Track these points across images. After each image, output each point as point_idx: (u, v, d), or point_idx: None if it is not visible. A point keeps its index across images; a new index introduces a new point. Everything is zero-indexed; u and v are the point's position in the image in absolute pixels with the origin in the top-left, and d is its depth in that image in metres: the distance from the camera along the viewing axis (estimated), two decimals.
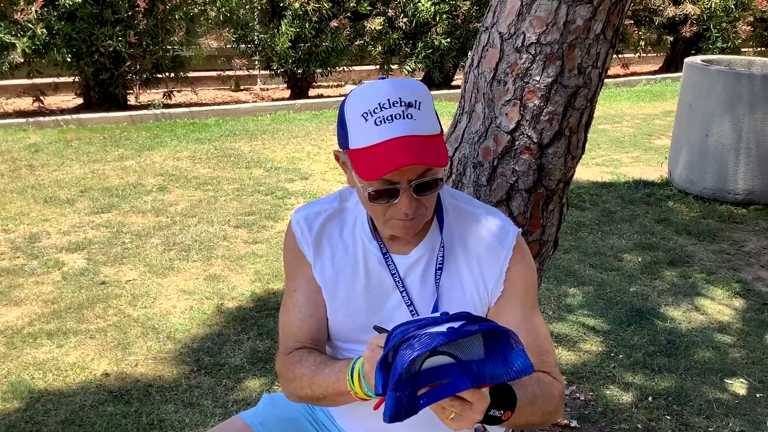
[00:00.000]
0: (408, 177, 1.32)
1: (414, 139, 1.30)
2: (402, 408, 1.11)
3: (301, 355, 1.48)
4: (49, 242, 4.18)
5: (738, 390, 2.93)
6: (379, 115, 1.30)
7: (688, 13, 10.43)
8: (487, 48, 1.94)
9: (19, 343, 3.10)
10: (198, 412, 2.66)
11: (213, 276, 3.81)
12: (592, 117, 1.99)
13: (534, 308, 1.51)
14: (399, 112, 1.30)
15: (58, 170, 5.53)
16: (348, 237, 1.51)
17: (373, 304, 1.49)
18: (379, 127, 1.30)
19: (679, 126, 5.46)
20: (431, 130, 1.34)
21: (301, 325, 1.52)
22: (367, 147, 1.31)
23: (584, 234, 4.54)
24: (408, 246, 1.49)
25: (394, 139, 1.29)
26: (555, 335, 3.29)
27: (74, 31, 6.88)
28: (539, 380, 1.40)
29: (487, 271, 1.48)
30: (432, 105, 1.37)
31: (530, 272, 1.51)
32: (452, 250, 1.49)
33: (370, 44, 8.71)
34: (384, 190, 1.34)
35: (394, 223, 1.40)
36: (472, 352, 1.14)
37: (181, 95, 8.56)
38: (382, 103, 1.30)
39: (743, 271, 4.08)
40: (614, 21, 1.86)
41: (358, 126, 1.33)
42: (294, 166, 5.89)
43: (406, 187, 1.33)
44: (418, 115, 1.31)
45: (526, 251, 1.52)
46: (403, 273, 1.48)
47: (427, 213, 1.42)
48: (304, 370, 1.44)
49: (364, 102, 1.32)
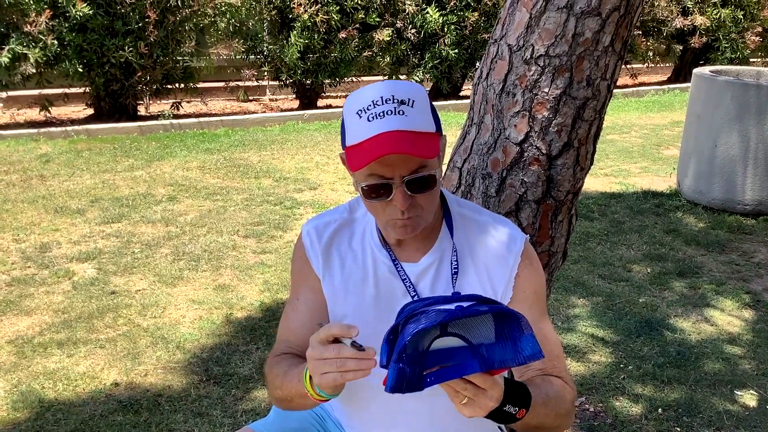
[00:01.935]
0: (400, 172, 1.33)
1: (403, 133, 1.31)
2: (404, 380, 1.11)
3: (282, 359, 1.48)
4: (60, 252, 4.20)
5: (748, 402, 2.91)
6: (372, 112, 1.33)
7: (697, 23, 10.43)
8: (496, 60, 1.95)
9: (29, 353, 3.12)
10: (207, 422, 2.67)
11: (222, 286, 3.82)
12: (601, 128, 2.00)
13: (543, 314, 1.52)
14: (391, 108, 1.32)
15: (68, 180, 5.57)
16: (357, 246, 1.52)
17: (382, 314, 1.47)
18: (371, 123, 1.32)
19: (688, 136, 5.45)
20: (424, 128, 1.35)
21: (296, 331, 1.52)
22: (359, 142, 1.34)
23: (593, 244, 4.53)
24: (417, 253, 1.49)
25: (383, 133, 1.31)
26: (564, 346, 3.28)
27: (85, 42, 6.94)
28: (552, 382, 1.41)
29: (496, 278, 1.48)
30: (428, 105, 1.38)
31: (539, 278, 1.52)
32: (462, 256, 1.49)
33: (379, 55, 8.75)
34: (376, 185, 1.35)
35: (393, 223, 1.40)
36: (482, 335, 1.14)
37: (191, 106, 8.61)
38: (376, 101, 1.33)
39: (753, 282, 4.06)
40: (623, 33, 1.86)
41: (353, 123, 1.36)
42: (303, 177, 5.91)
43: (399, 183, 1.34)
44: (410, 112, 1.33)
45: (534, 257, 1.53)
46: (414, 281, 1.48)
47: (424, 215, 1.41)
48: (278, 371, 1.44)
49: (359, 100, 1.35)
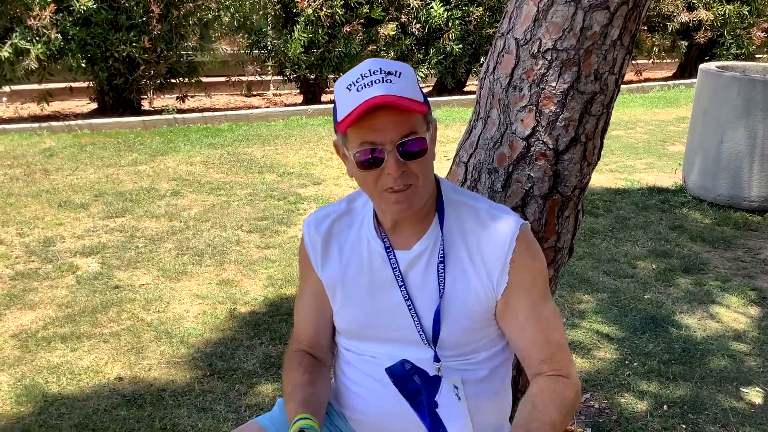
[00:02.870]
0: (391, 137, 1.36)
1: (392, 97, 1.34)
2: None
3: (294, 365, 1.60)
4: (64, 246, 4.20)
5: (754, 399, 2.90)
6: (360, 83, 1.36)
7: (702, 19, 10.39)
8: (503, 54, 1.93)
9: (33, 347, 3.12)
10: (211, 417, 2.66)
11: (226, 281, 3.81)
12: (608, 123, 1.98)
13: (544, 299, 1.49)
14: (378, 78, 1.36)
15: (72, 175, 5.57)
16: (355, 236, 1.55)
17: (377, 302, 1.51)
18: (359, 93, 1.36)
19: (694, 132, 5.43)
20: (411, 96, 1.37)
21: (303, 326, 1.64)
22: (349, 113, 1.36)
23: (598, 241, 4.52)
24: (410, 239, 1.49)
25: (371, 98, 1.34)
26: (569, 343, 3.26)
27: (89, 36, 6.93)
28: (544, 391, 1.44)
29: (491, 263, 1.47)
30: (415, 81, 1.41)
31: (536, 262, 1.49)
32: (454, 243, 1.49)
33: (383, 50, 8.73)
34: (368, 151, 1.37)
35: (386, 197, 1.41)
36: None
37: (195, 100, 8.60)
38: (364, 74, 1.37)
39: (759, 278, 4.04)
40: (631, 27, 1.85)
41: (342, 98, 1.39)
42: (307, 171, 5.90)
43: (391, 149, 1.36)
44: (398, 82, 1.37)
45: (531, 242, 1.50)
46: (405, 268, 1.49)
47: (419, 186, 1.41)
48: (287, 379, 1.58)
49: (348, 77, 1.39)
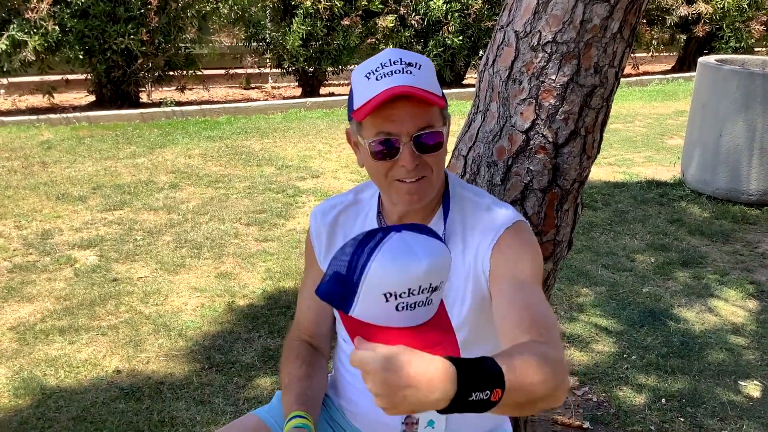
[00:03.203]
0: (408, 129, 1.35)
1: (412, 88, 1.33)
2: None
3: (292, 357, 1.60)
4: (62, 239, 4.19)
5: (752, 392, 2.90)
6: (380, 72, 1.35)
7: (701, 12, 10.37)
8: (503, 46, 1.92)
9: (31, 340, 3.11)
10: (209, 410, 2.66)
11: (224, 274, 3.81)
12: (608, 117, 1.98)
13: (533, 282, 1.38)
14: (399, 68, 1.35)
15: (70, 167, 5.55)
16: (360, 227, 1.56)
17: None
18: (379, 82, 1.35)
19: (693, 126, 5.42)
20: (431, 89, 1.37)
21: (304, 314, 1.65)
22: (367, 100, 1.35)
23: (596, 234, 4.52)
24: None
25: (391, 88, 1.33)
26: (567, 336, 3.27)
27: (87, 28, 6.91)
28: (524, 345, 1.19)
29: (481, 255, 1.45)
30: (434, 73, 1.41)
31: (525, 246, 1.43)
32: (453, 237, 1.48)
33: (382, 42, 8.70)
34: (384, 141, 1.36)
35: (397, 188, 1.40)
36: None
37: (193, 93, 8.58)
38: (384, 63, 1.36)
39: (757, 272, 4.05)
40: (631, 20, 1.84)
41: (361, 85, 1.38)
42: (305, 164, 5.89)
43: (407, 141, 1.36)
44: (418, 73, 1.36)
45: (523, 235, 1.45)
46: None
47: (432, 179, 1.41)
48: (284, 370, 1.60)
49: (368, 65, 1.38)
